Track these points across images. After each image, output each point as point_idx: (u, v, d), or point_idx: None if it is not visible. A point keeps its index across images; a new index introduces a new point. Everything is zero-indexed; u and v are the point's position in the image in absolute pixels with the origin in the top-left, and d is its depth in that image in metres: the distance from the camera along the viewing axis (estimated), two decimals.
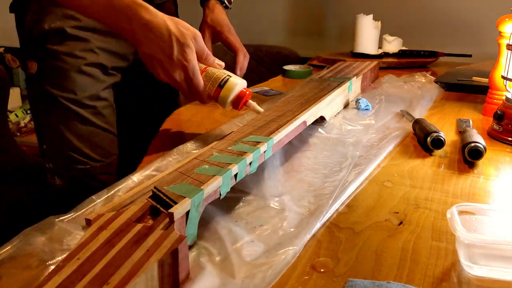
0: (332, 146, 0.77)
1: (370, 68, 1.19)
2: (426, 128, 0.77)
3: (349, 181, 0.64)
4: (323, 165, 0.70)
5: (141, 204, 0.50)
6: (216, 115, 0.96)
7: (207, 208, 0.52)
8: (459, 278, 0.45)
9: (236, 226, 0.53)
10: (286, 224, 0.53)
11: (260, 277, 0.44)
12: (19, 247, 0.48)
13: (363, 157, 0.72)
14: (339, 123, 0.88)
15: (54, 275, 0.38)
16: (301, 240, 0.49)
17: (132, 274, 0.38)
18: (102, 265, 0.39)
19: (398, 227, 0.54)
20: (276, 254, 0.47)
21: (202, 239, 0.50)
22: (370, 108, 0.97)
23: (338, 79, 1.03)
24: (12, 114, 2.19)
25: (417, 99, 1.05)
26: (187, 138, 0.81)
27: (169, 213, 0.45)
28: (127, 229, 0.44)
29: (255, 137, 0.64)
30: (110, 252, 0.41)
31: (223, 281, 0.44)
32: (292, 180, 0.66)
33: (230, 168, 0.54)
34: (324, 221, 0.54)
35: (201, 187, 0.50)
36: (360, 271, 0.46)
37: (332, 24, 2.08)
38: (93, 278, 0.38)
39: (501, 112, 0.82)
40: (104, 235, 0.43)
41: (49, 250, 0.48)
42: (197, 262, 0.47)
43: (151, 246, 0.41)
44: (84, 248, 0.42)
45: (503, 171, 0.71)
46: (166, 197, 0.48)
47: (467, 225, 0.48)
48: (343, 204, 0.59)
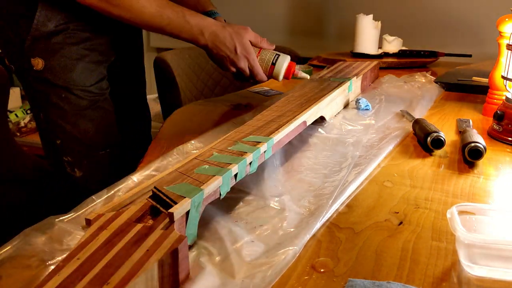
0: (332, 146, 0.77)
1: (370, 68, 1.19)
2: (426, 128, 0.77)
3: (349, 181, 0.64)
4: (323, 165, 0.70)
5: (141, 204, 0.50)
6: (216, 116, 0.96)
7: (207, 208, 0.52)
8: (459, 278, 0.45)
9: (236, 226, 0.53)
10: (286, 224, 0.53)
11: (260, 277, 0.44)
12: (19, 247, 0.48)
13: (363, 157, 0.72)
14: (339, 123, 0.88)
15: (54, 275, 0.38)
16: (301, 240, 0.49)
17: (132, 274, 0.38)
18: (102, 265, 0.39)
19: (398, 227, 0.53)
20: (276, 254, 0.47)
21: (202, 239, 0.50)
22: (370, 108, 0.97)
23: (338, 79, 1.03)
24: (12, 114, 2.19)
25: (417, 99, 1.05)
26: (187, 138, 0.81)
27: (169, 213, 0.45)
28: (127, 229, 0.44)
29: (255, 137, 0.64)
30: (110, 252, 0.41)
31: (223, 281, 0.44)
32: (292, 180, 0.66)
33: (230, 168, 0.54)
34: (324, 221, 0.54)
35: (201, 187, 0.50)
36: (360, 271, 0.46)
37: (332, 24, 2.08)
38: (93, 278, 0.38)
39: (501, 112, 0.82)
40: (104, 235, 0.43)
41: (49, 250, 0.48)
42: (197, 262, 0.47)
43: (151, 246, 0.41)
44: (84, 248, 0.42)
45: (503, 171, 0.71)
46: (166, 197, 0.48)
47: (467, 225, 0.48)
48: (343, 204, 0.59)
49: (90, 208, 0.57)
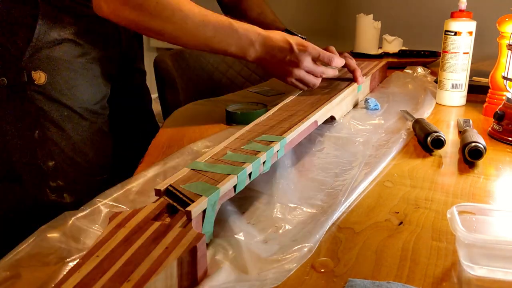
0: (342, 145, 0.77)
1: (378, 68, 1.19)
2: (426, 128, 0.77)
3: (359, 180, 0.64)
4: (334, 164, 0.70)
5: (158, 202, 0.50)
6: (216, 116, 0.96)
7: (221, 206, 0.53)
8: (459, 278, 0.45)
9: (249, 224, 0.54)
10: (299, 223, 0.54)
11: (275, 271, 0.45)
12: (36, 244, 0.49)
13: (373, 156, 0.72)
14: (348, 123, 0.88)
15: (74, 272, 0.38)
16: (314, 237, 0.50)
17: (152, 272, 0.38)
18: (122, 262, 0.39)
19: (398, 227, 0.53)
20: (291, 251, 0.48)
21: (217, 237, 0.51)
22: (379, 108, 0.97)
23: (347, 79, 1.03)
24: None
25: (423, 98, 1.05)
26: (187, 138, 0.81)
27: (187, 211, 0.45)
28: (145, 227, 0.45)
29: (268, 136, 0.65)
30: (129, 250, 0.41)
31: (239, 277, 0.44)
32: (304, 179, 0.66)
33: (245, 167, 0.55)
34: (334, 220, 0.55)
35: (217, 185, 0.50)
36: (360, 271, 0.45)
37: (332, 24, 2.07)
38: (113, 275, 0.38)
39: (502, 112, 0.82)
40: (123, 233, 0.44)
41: (66, 247, 0.49)
42: (213, 259, 0.47)
43: (170, 244, 0.42)
44: (103, 246, 0.42)
45: (503, 171, 0.70)
46: (182, 195, 0.49)
47: (467, 225, 0.48)
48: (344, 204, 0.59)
49: (103, 204, 0.57)
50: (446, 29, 1.01)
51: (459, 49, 1.00)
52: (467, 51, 1.01)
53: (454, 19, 1.00)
